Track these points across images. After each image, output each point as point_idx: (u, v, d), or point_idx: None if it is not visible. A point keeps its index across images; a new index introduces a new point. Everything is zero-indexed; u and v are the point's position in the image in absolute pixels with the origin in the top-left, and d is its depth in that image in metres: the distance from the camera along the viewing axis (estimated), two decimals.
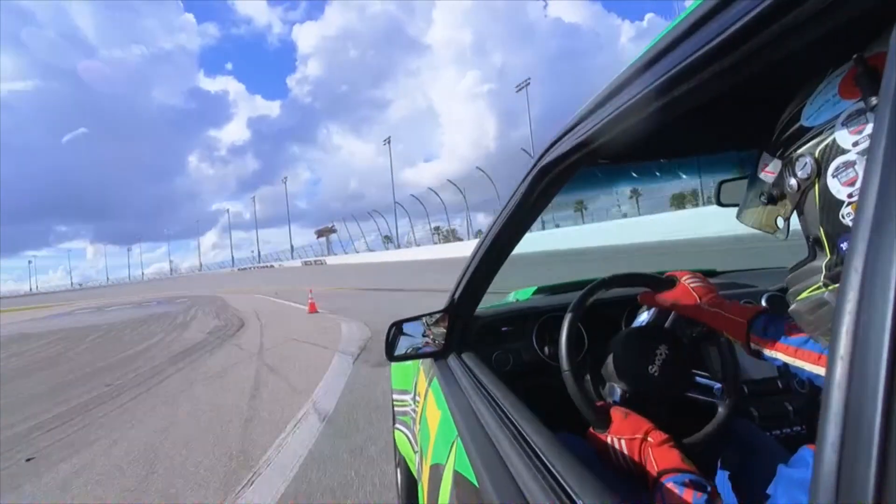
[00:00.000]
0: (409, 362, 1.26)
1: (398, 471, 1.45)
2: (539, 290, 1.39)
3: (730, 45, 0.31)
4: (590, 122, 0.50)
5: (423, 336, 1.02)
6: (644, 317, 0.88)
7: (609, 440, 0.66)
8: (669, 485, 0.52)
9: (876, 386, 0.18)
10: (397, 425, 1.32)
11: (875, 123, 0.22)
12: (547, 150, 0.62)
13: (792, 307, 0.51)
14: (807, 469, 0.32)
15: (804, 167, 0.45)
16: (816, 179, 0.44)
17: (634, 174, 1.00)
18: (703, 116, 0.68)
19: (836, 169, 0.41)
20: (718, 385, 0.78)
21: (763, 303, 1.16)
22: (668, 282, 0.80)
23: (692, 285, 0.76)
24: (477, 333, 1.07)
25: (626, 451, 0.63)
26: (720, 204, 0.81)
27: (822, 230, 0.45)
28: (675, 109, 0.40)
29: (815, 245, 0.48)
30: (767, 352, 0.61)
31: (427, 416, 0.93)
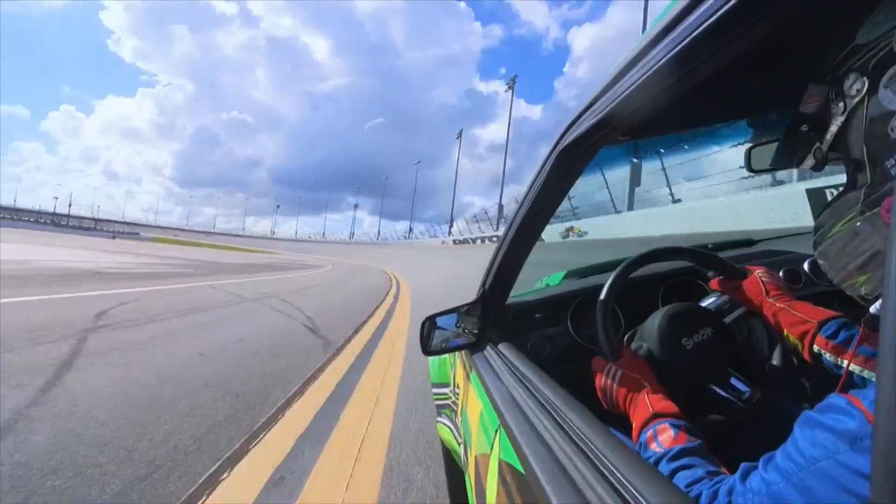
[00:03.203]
0: (446, 355, 1.27)
1: (444, 463, 1.47)
2: (569, 275, 1.38)
3: (749, 5, 0.31)
4: (608, 98, 0.50)
5: (457, 328, 1.03)
6: (710, 301, 0.84)
7: (608, 367, 0.68)
8: (664, 425, 0.52)
9: None
10: (439, 418, 1.34)
11: None
12: (566, 131, 0.62)
13: (818, 249, 0.49)
14: (839, 416, 0.29)
15: (854, 83, 0.44)
16: (867, 95, 0.43)
17: (661, 149, 0.97)
18: (726, 82, 0.66)
19: (890, 78, 0.40)
20: (749, 391, 0.70)
21: (805, 267, 1.11)
22: (741, 272, 0.78)
23: (763, 279, 0.74)
24: (511, 322, 1.06)
25: (617, 382, 0.65)
26: (750, 170, 0.79)
27: (865, 150, 0.44)
28: (694, 77, 0.40)
29: (855, 172, 0.46)
30: (832, 358, 0.59)
31: (468, 407, 0.94)
